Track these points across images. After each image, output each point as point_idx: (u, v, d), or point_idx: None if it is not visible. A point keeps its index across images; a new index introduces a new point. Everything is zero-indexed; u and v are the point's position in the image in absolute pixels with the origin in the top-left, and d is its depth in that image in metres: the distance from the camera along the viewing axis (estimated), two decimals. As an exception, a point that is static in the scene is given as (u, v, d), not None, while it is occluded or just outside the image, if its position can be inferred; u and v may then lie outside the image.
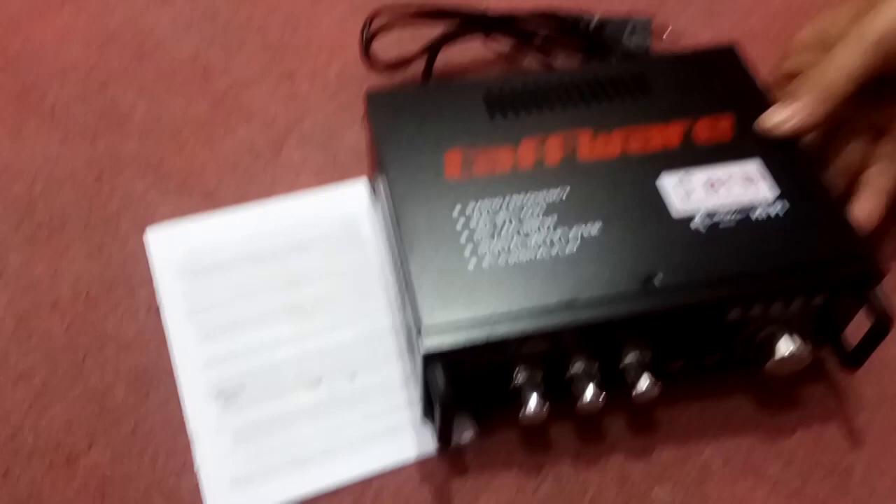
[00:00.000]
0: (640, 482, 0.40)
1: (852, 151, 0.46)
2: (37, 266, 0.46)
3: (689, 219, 0.40)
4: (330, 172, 0.51)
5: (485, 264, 0.38)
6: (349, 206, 0.49)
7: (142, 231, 0.48)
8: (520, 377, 0.38)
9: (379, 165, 0.43)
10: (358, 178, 0.50)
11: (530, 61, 0.56)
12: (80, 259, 0.47)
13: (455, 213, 0.40)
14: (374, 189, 0.48)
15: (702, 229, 0.39)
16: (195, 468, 0.39)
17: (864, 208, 0.44)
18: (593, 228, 0.39)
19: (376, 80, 0.54)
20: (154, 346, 0.43)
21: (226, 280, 0.46)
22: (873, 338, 0.39)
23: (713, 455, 0.40)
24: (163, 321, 0.44)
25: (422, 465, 0.40)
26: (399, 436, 0.40)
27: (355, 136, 0.53)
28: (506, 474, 0.40)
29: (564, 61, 0.55)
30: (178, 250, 0.47)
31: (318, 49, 0.57)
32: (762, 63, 0.47)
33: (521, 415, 0.38)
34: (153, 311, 0.45)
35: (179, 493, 0.39)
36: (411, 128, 0.43)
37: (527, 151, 0.42)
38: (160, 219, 0.48)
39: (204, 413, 0.41)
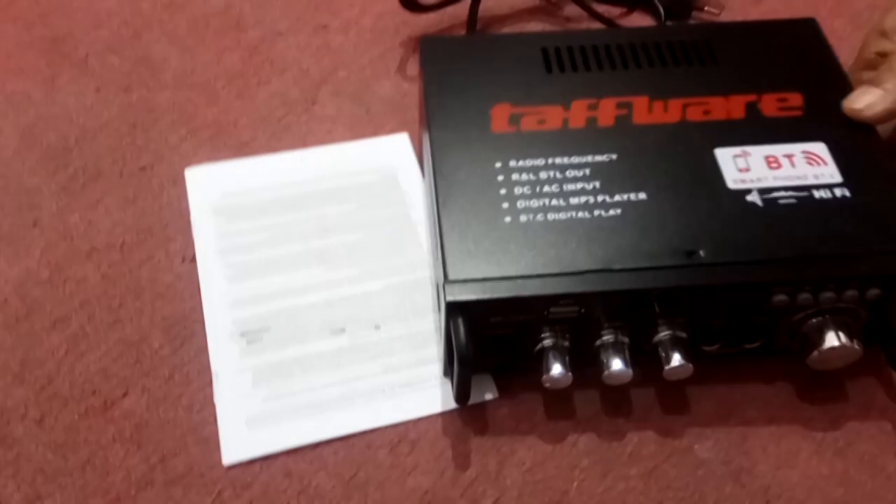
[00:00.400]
0: (682, 437, 0.39)
1: None
2: (72, 215, 0.46)
3: (746, 192, 0.38)
4: (363, 125, 0.50)
5: (521, 219, 0.37)
6: (389, 158, 0.48)
7: (176, 182, 0.47)
8: (546, 340, 0.37)
9: (426, 114, 0.42)
10: (395, 131, 0.49)
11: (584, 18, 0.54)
12: (115, 209, 0.46)
13: (497, 167, 0.39)
14: (422, 140, 0.46)
15: (759, 202, 0.37)
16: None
17: None
18: (640, 194, 0.37)
19: (411, 32, 0.53)
20: (189, 295, 0.43)
21: (259, 223, 0.45)
22: None
23: (757, 415, 0.39)
24: (197, 261, 0.44)
25: (450, 420, 0.39)
26: (420, 391, 0.40)
27: (389, 88, 0.52)
28: (542, 429, 0.39)
29: (632, 22, 0.53)
30: (214, 190, 0.47)
31: (352, 0, 0.56)
32: (840, 41, 0.44)
33: (543, 378, 0.36)
34: (188, 260, 0.44)
35: (216, 441, 0.38)
36: (462, 77, 0.42)
37: (579, 111, 0.41)
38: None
39: (226, 351, 0.41)
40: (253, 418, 0.39)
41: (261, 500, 0.37)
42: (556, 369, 0.36)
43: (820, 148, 0.39)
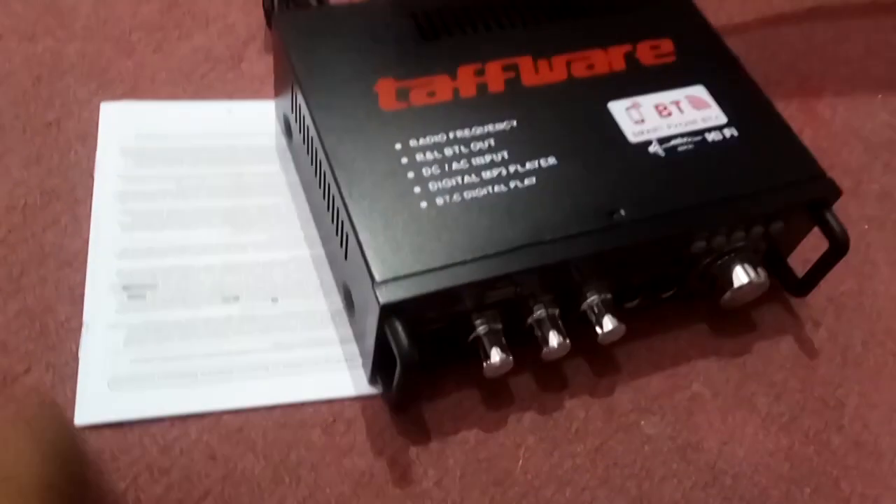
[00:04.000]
0: (628, 413, 0.37)
1: None
2: (-34, 174, 0.42)
3: (647, 143, 0.37)
4: (295, 85, 0.47)
5: (438, 202, 0.34)
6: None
7: (85, 140, 0.43)
8: (480, 327, 0.34)
9: (299, 96, 0.38)
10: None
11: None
12: (17, 167, 0.42)
13: (398, 148, 0.36)
14: (286, 123, 0.42)
15: (661, 153, 0.37)
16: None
17: None
18: (549, 159, 0.36)
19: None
20: (100, 263, 0.39)
21: (169, 171, 0.42)
22: (828, 260, 0.38)
23: (702, 388, 0.39)
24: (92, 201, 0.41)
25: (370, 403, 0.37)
26: (311, 373, 0.37)
27: (324, 46, 0.48)
28: (485, 408, 0.37)
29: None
30: (128, 129, 0.43)
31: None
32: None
33: (486, 366, 0.34)
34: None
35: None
36: (334, 53, 0.39)
37: (467, 78, 0.39)
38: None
39: (103, 303, 0.37)
40: (117, 379, 0.35)
41: (183, 484, 0.34)
42: (497, 355, 0.34)
43: (700, 91, 0.40)
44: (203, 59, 0.48)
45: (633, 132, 0.38)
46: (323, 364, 0.37)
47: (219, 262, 0.39)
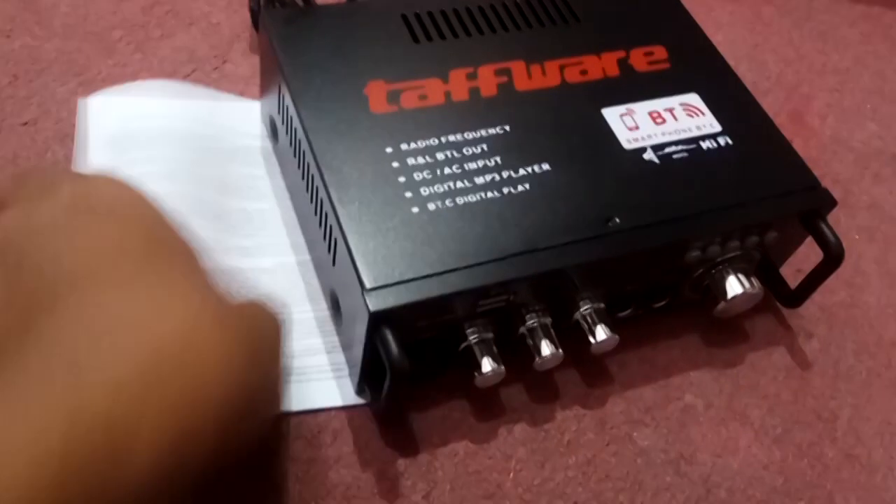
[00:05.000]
0: (620, 425, 0.37)
1: None
2: (-62, 173, 0.40)
3: (642, 150, 0.37)
4: (281, 87, 0.46)
5: (430, 207, 0.33)
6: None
7: (63, 140, 0.42)
8: (472, 336, 0.34)
9: (287, 98, 0.37)
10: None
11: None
12: (-9, 168, 0.41)
13: (389, 152, 0.35)
14: (272, 126, 0.41)
15: (655, 160, 0.37)
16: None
17: None
18: (543, 165, 0.36)
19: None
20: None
21: (153, 167, 0.40)
22: (822, 270, 0.37)
23: (695, 399, 0.38)
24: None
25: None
26: (304, 381, 0.35)
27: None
28: (474, 421, 0.36)
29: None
30: (105, 125, 0.42)
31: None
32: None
33: (477, 376, 0.33)
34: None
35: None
36: (323, 54, 0.38)
37: (459, 82, 0.38)
38: (86, 127, 0.42)
39: None
40: None
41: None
42: (489, 365, 0.33)
43: (694, 98, 0.40)
44: (186, 60, 0.47)
45: (627, 139, 0.37)
46: (308, 374, 0.36)
47: (201, 267, 0.38)
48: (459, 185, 0.34)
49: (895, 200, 0.48)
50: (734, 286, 0.37)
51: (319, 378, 0.36)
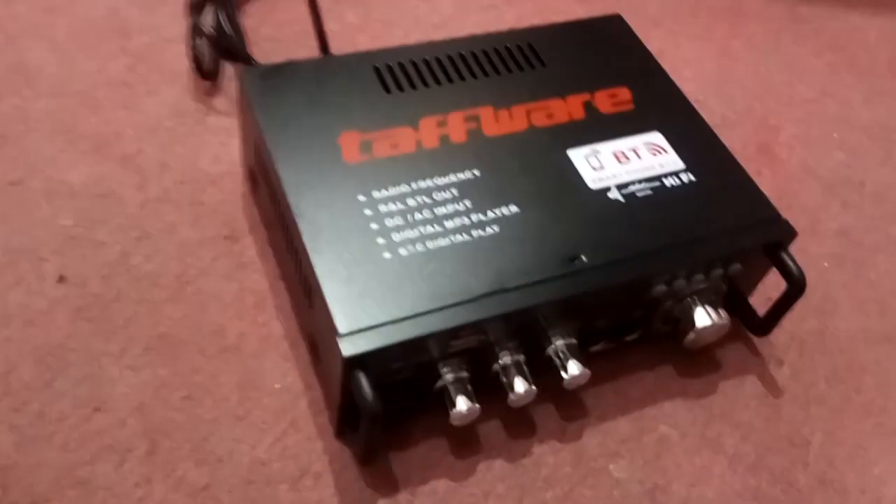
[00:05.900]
0: (596, 458, 0.38)
1: None
2: (-71, 234, 0.41)
3: (606, 189, 0.38)
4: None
5: (402, 252, 0.35)
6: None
7: (51, 197, 0.43)
8: (447, 375, 0.35)
9: (264, 150, 0.38)
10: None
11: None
12: (-20, 227, 0.42)
13: (361, 200, 0.36)
14: (251, 175, 0.43)
15: (620, 199, 0.38)
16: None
17: None
18: (511, 207, 0.37)
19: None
20: (65, 322, 0.39)
21: None
22: (787, 300, 0.39)
23: (669, 429, 0.39)
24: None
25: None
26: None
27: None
28: (453, 459, 0.37)
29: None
30: None
31: (250, 11, 0.54)
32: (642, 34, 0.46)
33: (452, 415, 0.34)
34: (63, 280, 0.40)
35: (95, 482, 0.35)
36: (297, 108, 0.39)
37: (429, 129, 0.39)
38: (72, 182, 0.44)
39: None
40: None
41: (146, 545, 0.33)
42: (464, 403, 0.34)
43: (657, 137, 0.41)
44: (170, 114, 0.48)
45: (592, 179, 0.39)
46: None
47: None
48: (430, 229, 0.36)
49: (863, 227, 0.49)
50: (702, 318, 0.38)
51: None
